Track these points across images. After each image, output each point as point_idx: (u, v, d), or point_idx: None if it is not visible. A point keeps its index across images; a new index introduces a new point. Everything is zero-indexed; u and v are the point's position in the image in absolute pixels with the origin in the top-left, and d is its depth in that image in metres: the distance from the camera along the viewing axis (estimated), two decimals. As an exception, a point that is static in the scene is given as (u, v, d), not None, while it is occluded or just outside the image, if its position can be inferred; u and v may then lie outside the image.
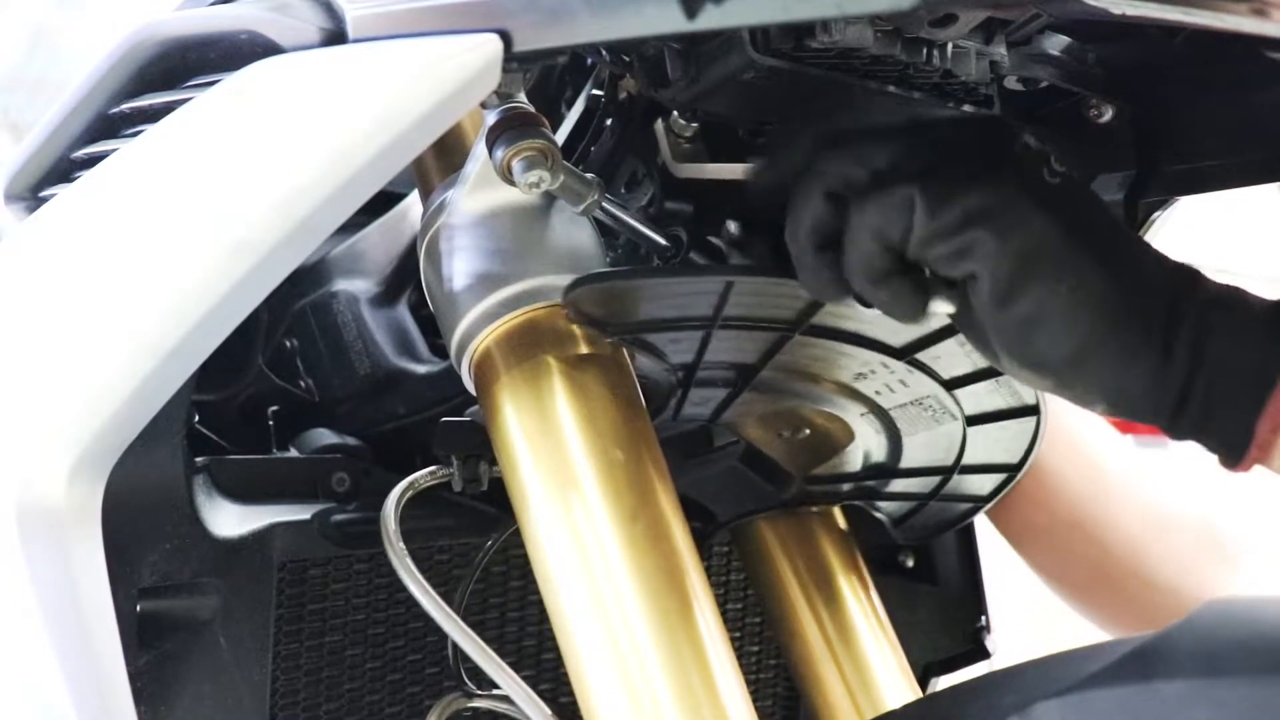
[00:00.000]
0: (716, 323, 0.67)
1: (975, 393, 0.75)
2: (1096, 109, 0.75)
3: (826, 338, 0.70)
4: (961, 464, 0.82)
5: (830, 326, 0.69)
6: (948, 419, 0.77)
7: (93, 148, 0.74)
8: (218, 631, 0.76)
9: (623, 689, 0.62)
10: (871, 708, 0.87)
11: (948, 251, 0.61)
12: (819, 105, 0.68)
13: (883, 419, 0.78)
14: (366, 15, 0.62)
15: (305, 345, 0.95)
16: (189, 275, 0.60)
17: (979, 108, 0.71)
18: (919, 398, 0.75)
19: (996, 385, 0.75)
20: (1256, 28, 0.50)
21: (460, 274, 0.69)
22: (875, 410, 0.78)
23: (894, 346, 0.71)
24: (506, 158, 0.66)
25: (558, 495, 0.65)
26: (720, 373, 0.73)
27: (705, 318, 0.67)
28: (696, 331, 0.68)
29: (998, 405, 0.77)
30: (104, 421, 0.61)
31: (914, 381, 0.74)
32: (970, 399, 0.76)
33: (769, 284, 0.67)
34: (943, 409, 0.76)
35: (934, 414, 0.77)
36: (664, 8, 0.53)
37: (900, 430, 0.80)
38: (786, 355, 0.71)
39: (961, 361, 0.72)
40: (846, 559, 0.92)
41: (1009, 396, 0.76)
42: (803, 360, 0.73)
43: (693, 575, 0.65)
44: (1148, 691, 0.53)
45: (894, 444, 0.81)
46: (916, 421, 0.78)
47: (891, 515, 0.92)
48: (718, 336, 0.69)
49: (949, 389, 0.75)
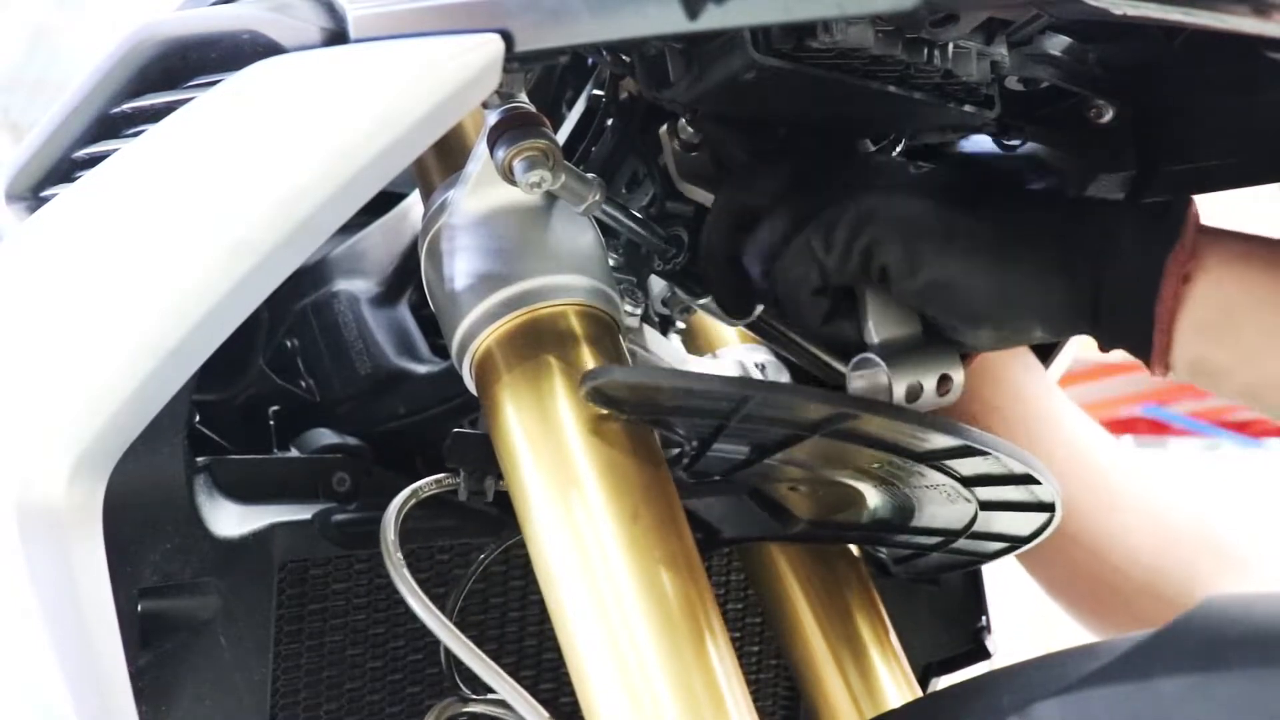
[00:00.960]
0: (733, 420, 0.67)
1: (993, 489, 0.75)
2: (1097, 109, 0.76)
3: (847, 440, 0.69)
4: (971, 531, 0.81)
5: (851, 431, 0.68)
6: (961, 502, 0.76)
7: (94, 148, 0.74)
8: (218, 631, 0.75)
9: (623, 689, 0.62)
10: (872, 707, 0.87)
11: (857, 264, 0.68)
12: (820, 106, 0.68)
13: (897, 494, 0.78)
14: (368, 15, 0.62)
15: (306, 345, 0.95)
16: (190, 275, 0.60)
17: (980, 108, 0.71)
18: (936, 484, 0.74)
19: (1015, 487, 0.74)
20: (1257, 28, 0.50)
21: (461, 274, 0.69)
22: (891, 487, 0.77)
23: (915, 452, 0.70)
24: (508, 158, 0.66)
25: (559, 495, 0.65)
26: (737, 445, 0.72)
27: (723, 414, 0.67)
28: (713, 420, 0.68)
29: (1014, 499, 0.76)
30: (105, 421, 0.61)
31: (932, 474, 0.73)
32: (988, 492, 0.75)
33: (785, 397, 0.67)
34: (958, 495, 0.75)
35: (949, 497, 0.76)
36: (666, 8, 0.53)
37: (914, 503, 0.79)
38: (805, 446, 0.70)
39: (981, 466, 0.71)
40: (847, 560, 0.92)
41: (1026, 495, 0.75)
42: (821, 449, 0.72)
43: (695, 574, 0.65)
44: (1147, 689, 0.53)
45: (904, 511, 0.80)
46: (931, 499, 0.77)
47: (894, 556, 0.92)
48: (735, 426, 0.68)
49: (967, 485, 0.74)
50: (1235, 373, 0.64)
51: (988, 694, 0.60)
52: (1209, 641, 0.54)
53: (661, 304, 0.81)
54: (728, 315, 0.77)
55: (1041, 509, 0.76)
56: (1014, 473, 0.71)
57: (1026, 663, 0.61)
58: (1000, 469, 0.71)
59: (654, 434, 0.69)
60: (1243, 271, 0.64)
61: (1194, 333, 0.64)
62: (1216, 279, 0.63)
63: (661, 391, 0.66)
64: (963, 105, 0.70)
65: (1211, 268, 0.64)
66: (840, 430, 0.67)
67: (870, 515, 0.82)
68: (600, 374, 0.66)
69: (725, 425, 0.67)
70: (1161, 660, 0.54)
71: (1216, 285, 0.63)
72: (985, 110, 0.71)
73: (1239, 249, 0.65)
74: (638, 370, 0.72)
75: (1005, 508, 0.77)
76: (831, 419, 0.66)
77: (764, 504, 0.86)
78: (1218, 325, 0.63)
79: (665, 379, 0.66)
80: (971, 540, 0.82)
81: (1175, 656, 0.54)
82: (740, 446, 0.72)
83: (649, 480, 0.66)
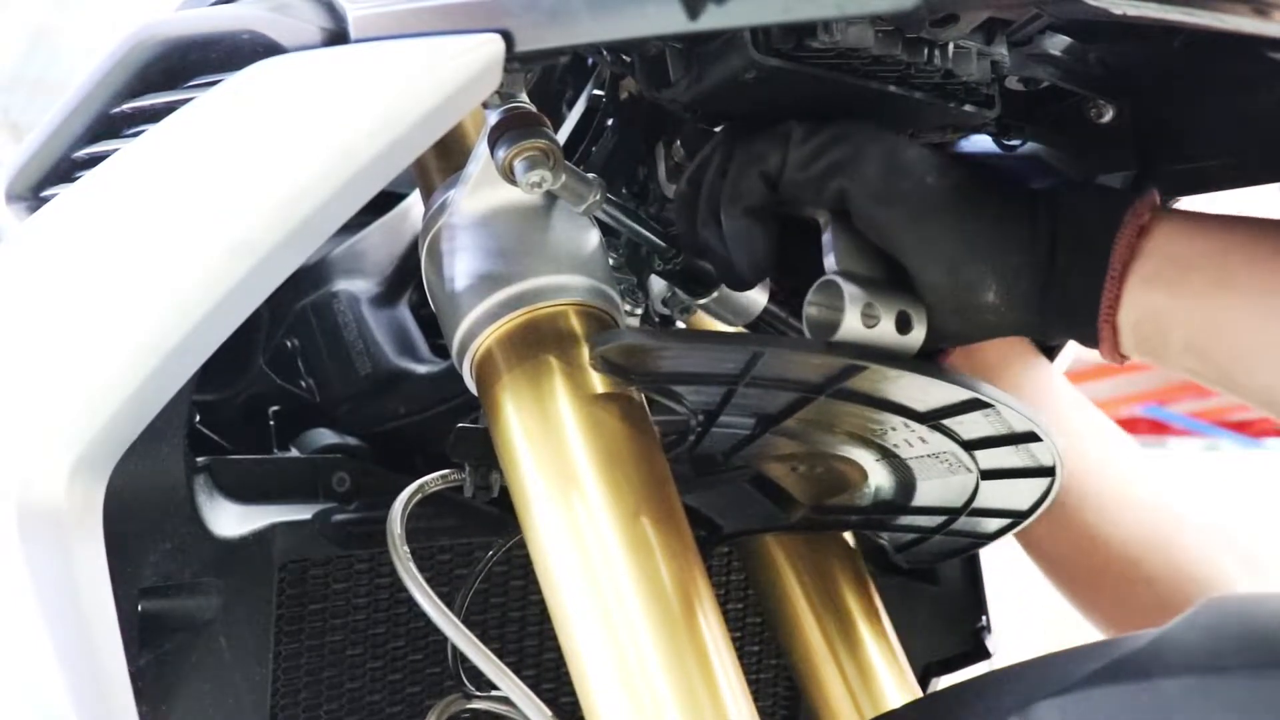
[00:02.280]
0: (742, 382, 0.66)
1: (994, 453, 0.75)
2: (1097, 109, 0.76)
3: (852, 401, 0.69)
4: (972, 507, 0.81)
5: (857, 391, 0.68)
6: (963, 471, 0.76)
7: (94, 148, 0.74)
8: (218, 631, 0.75)
9: (624, 688, 0.62)
10: (872, 708, 0.87)
11: (821, 168, 0.67)
12: (820, 105, 0.68)
13: (898, 466, 0.78)
14: (368, 15, 0.62)
15: (306, 345, 0.95)
16: (190, 275, 0.59)
17: (980, 108, 0.71)
18: (937, 452, 0.74)
19: (1015, 450, 0.74)
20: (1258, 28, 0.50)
21: (462, 274, 0.69)
22: (891, 458, 0.77)
23: (918, 411, 0.70)
24: (508, 157, 0.66)
25: (559, 494, 0.65)
26: (741, 418, 0.72)
27: (731, 376, 0.66)
28: (721, 387, 0.68)
29: (1014, 464, 0.76)
30: (105, 421, 0.61)
31: (934, 439, 0.73)
32: (988, 458, 0.75)
33: (797, 354, 0.66)
34: (959, 463, 0.75)
35: (950, 466, 0.76)
36: (666, 8, 0.53)
37: (914, 476, 0.79)
38: (809, 411, 0.70)
39: (983, 426, 0.71)
40: (847, 560, 0.92)
41: (1026, 458, 0.75)
42: (825, 414, 0.72)
43: (695, 573, 0.65)
44: (1149, 689, 0.53)
45: (906, 486, 0.80)
46: (931, 470, 0.77)
47: (895, 543, 0.92)
48: (742, 393, 0.68)
49: (968, 449, 0.74)
50: (1182, 325, 0.64)
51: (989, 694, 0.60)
52: (1212, 641, 0.54)
53: (661, 304, 0.81)
54: (733, 282, 0.75)
55: (1041, 474, 0.76)
56: (1015, 431, 0.72)
57: (1027, 663, 0.61)
58: (1002, 428, 0.71)
59: (656, 432, 0.69)
60: (1194, 229, 0.65)
61: (1143, 286, 0.64)
62: (1168, 235, 0.65)
63: (671, 355, 0.66)
64: (963, 105, 0.70)
65: (1164, 226, 0.65)
66: (847, 389, 0.67)
67: (871, 496, 0.82)
68: (610, 338, 0.65)
69: (734, 389, 0.67)
70: (1163, 660, 0.54)
71: (1168, 239, 0.65)
72: (985, 110, 0.71)
73: (1191, 215, 0.66)
74: (647, 332, 0.71)
75: (1006, 475, 0.77)
76: (840, 374, 0.66)
77: (765, 491, 0.86)
78: (1166, 277, 0.64)
79: (676, 339, 0.66)
80: (972, 518, 0.82)
81: (1178, 656, 0.54)
82: (744, 419, 0.72)
83: (650, 478, 0.66)
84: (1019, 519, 0.83)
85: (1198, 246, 0.64)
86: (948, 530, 0.85)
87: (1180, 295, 0.64)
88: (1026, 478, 0.77)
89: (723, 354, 0.65)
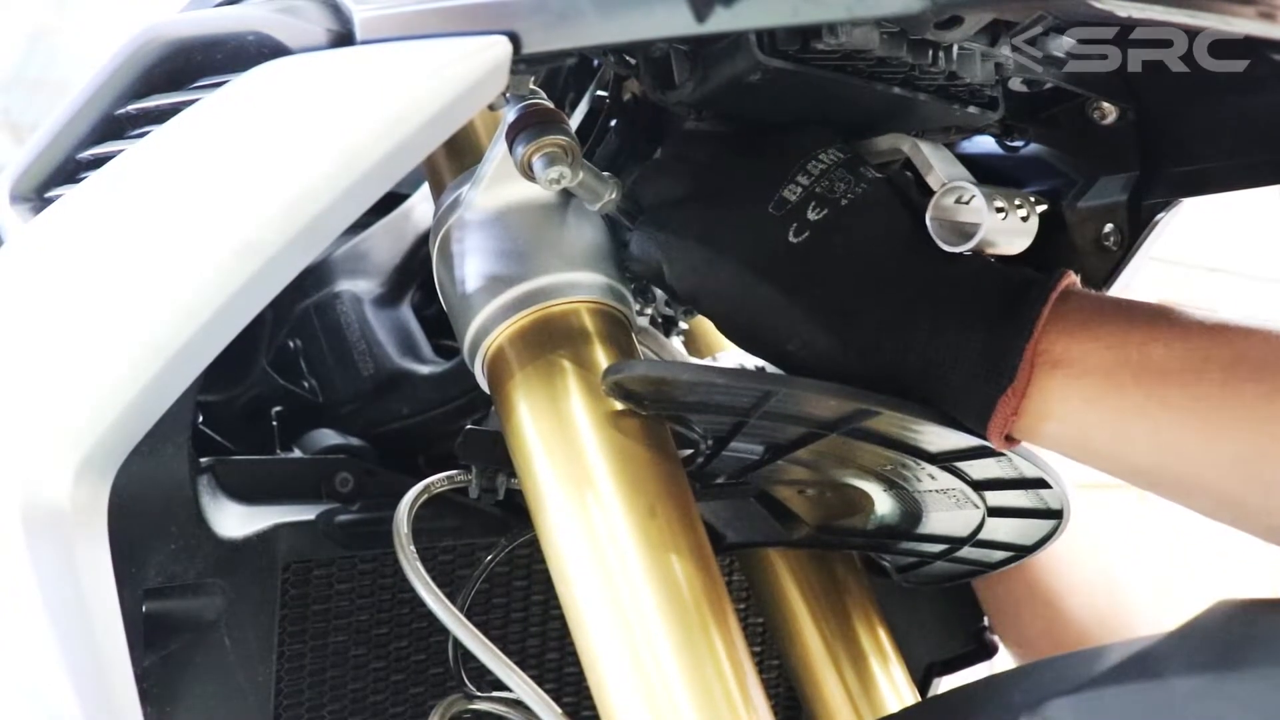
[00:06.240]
0: (753, 416, 0.66)
1: (1003, 494, 0.74)
2: (1100, 110, 0.76)
3: (864, 440, 0.69)
4: (976, 539, 0.81)
5: (869, 430, 0.67)
6: (970, 507, 0.76)
7: (99, 149, 0.74)
8: (223, 632, 0.76)
9: (639, 686, 0.61)
10: (871, 711, 0.87)
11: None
12: (824, 107, 0.68)
13: (905, 497, 0.77)
14: (374, 17, 0.62)
15: (309, 346, 0.96)
16: (196, 276, 0.59)
17: (984, 109, 0.71)
18: (945, 488, 0.74)
19: (1024, 492, 0.73)
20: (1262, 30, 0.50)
21: (473, 272, 0.68)
22: (899, 490, 0.77)
23: (930, 453, 0.70)
24: (527, 154, 0.66)
25: (573, 492, 0.64)
26: (752, 445, 0.72)
27: (743, 410, 0.66)
28: (733, 418, 0.68)
29: (1022, 505, 0.75)
30: (110, 422, 0.61)
31: (943, 477, 0.73)
32: (997, 497, 0.75)
33: (810, 394, 0.65)
34: (967, 500, 0.75)
35: (957, 502, 0.75)
36: (673, 10, 0.53)
37: (921, 507, 0.78)
38: (820, 444, 0.70)
39: (993, 469, 0.71)
40: (846, 563, 0.92)
41: (1035, 500, 0.74)
42: (836, 448, 0.72)
43: (710, 571, 0.65)
44: (1161, 688, 0.53)
45: (913, 515, 0.80)
46: (939, 504, 0.77)
47: (896, 564, 0.92)
48: (754, 423, 0.67)
49: (977, 489, 0.73)
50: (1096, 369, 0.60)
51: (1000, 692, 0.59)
52: (1223, 641, 0.54)
53: (665, 304, 0.81)
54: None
55: (1049, 515, 0.76)
56: (1025, 476, 0.71)
57: (1039, 662, 0.61)
58: (1013, 473, 0.71)
59: (669, 430, 0.69)
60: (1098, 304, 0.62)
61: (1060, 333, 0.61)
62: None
63: (683, 386, 0.65)
64: (967, 106, 0.70)
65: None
66: (859, 429, 0.67)
67: (876, 521, 0.82)
68: (622, 368, 0.65)
69: (745, 422, 0.67)
70: (1175, 660, 0.54)
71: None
72: (989, 111, 0.71)
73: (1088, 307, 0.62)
74: (660, 364, 0.71)
75: (1013, 514, 0.77)
76: (852, 415, 0.65)
77: (770, 508, 0.86)
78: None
79: (688, 373, 0.65)
80: (976, 549, 0.82)
81: (1190, 656, 0.54)
82: (754, 446, 0.72)
83: (665, 476, 0.65)
84: (1023, 553, 0.83)
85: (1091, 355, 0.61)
86: (950, 558, 0.85)
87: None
88: (1033, 518, 0.77)
89: (735, 390, 0.65)
